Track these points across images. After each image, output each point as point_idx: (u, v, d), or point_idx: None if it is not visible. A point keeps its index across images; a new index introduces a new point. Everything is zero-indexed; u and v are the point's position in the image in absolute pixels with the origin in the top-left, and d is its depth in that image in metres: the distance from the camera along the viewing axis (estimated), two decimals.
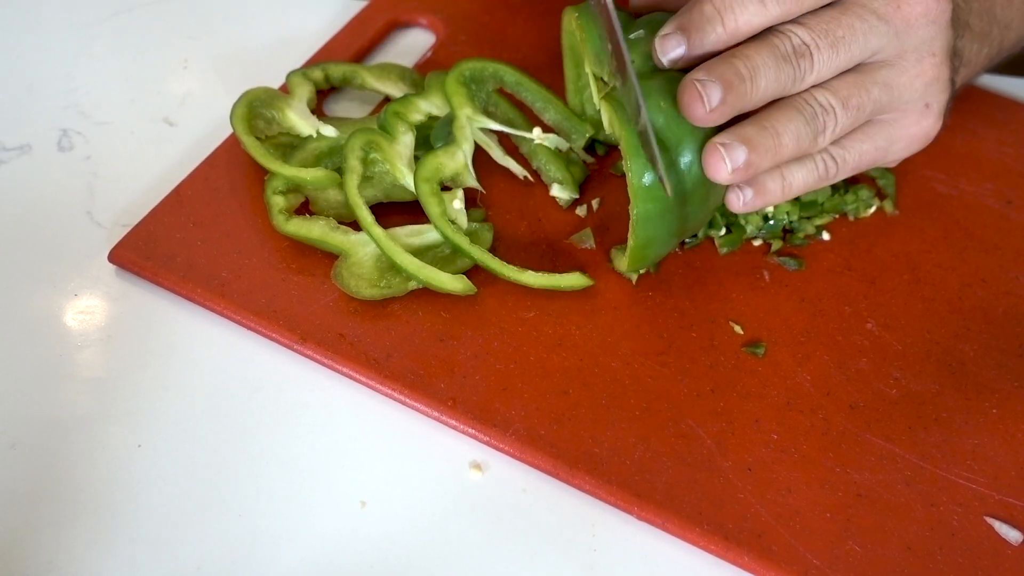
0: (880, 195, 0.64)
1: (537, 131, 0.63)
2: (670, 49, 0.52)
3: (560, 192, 0.63)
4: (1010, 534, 0.50)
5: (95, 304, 0.59)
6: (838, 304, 0.59)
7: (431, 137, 0.63)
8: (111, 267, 0.60)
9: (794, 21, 0.52)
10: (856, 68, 0.54)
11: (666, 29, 0.52)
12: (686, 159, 0.52)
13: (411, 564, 0.50)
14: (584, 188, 0.64)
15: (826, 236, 0.62)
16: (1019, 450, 0.53)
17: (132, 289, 0.59)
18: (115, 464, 0.52)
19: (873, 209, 0.63)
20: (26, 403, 0.54)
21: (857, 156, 0.56)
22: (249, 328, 0.57)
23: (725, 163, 0.51)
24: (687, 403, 0.54)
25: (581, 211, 0.63)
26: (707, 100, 0.51)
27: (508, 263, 0.58)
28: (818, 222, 0.62)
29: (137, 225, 0.60)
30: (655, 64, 0.53)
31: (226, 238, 0.60)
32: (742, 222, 0.61)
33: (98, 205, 0.63)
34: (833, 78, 0.54)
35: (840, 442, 0.53)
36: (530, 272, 0.58)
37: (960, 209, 0.64)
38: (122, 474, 0.52)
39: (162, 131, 0.68)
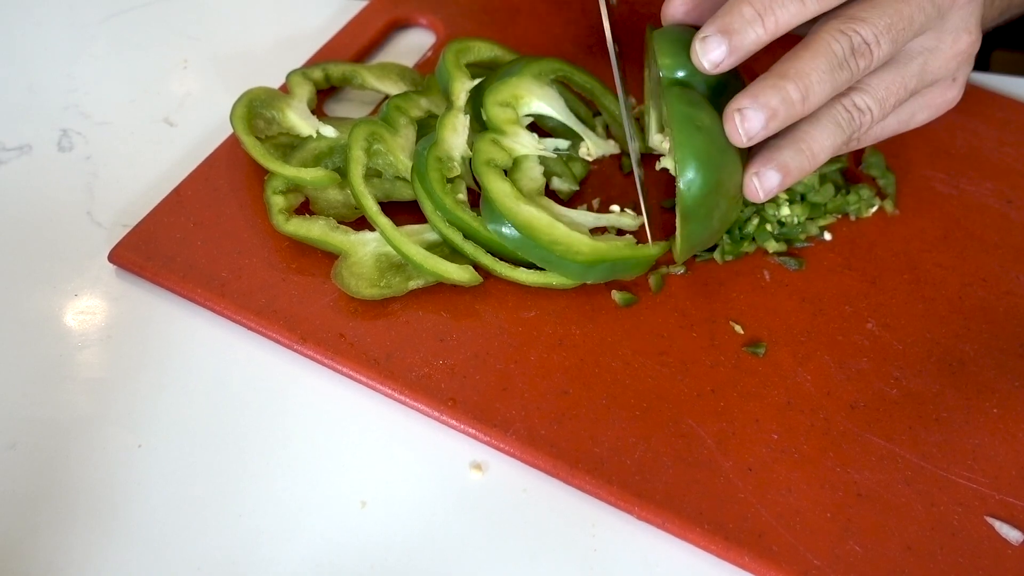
0: (881, 195, 0.64)
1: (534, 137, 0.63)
2: (711, 51, 0.51)
3: (560, 185, 0.63)
4: (1010, 534, 0.50)
5: (95, 304, 0.59)
6: (838, 304, 0.59)
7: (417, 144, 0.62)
8: (111, 267, 0.60)
9: (854, 16, 0.51)
10: (895, 58, 0.53)
11: (706, 31, 0.51)
12: (687, 177, 0.52)
13: (411, 564, 0.50)
14: (587, 187, 0.64)
15: (827, 236, 0.62)
16: (1019, 450, 0.53)
17: (132, 289, 0.59)
18: (115, 464, 0.52)
19: (874, 209, 0.63)
20: (26, 403, 0.54)
21: (880, 130, 0.56)
22: (249, 328, 0.57)
23: (759, 192, 0.53)
24: (687, 403, 0.54)
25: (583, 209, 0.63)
26: (743, 133, 0.51)
27: (504, 260, 0.58)
28: (821, 223, 0.62)
29: (137, 225, 0.60)
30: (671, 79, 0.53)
31: (226, 238, 0.60)
32: (760, 242, 0.61)
33: (98, 205, 0.63)
34: (873, 74, 0.52)
35: (840, 442, 0.53)
36: (522, 269, 0.58)
37: (960, 209, 0.64)
38: (122, 474, 0.52)
39: (162, 131, 0.68)
